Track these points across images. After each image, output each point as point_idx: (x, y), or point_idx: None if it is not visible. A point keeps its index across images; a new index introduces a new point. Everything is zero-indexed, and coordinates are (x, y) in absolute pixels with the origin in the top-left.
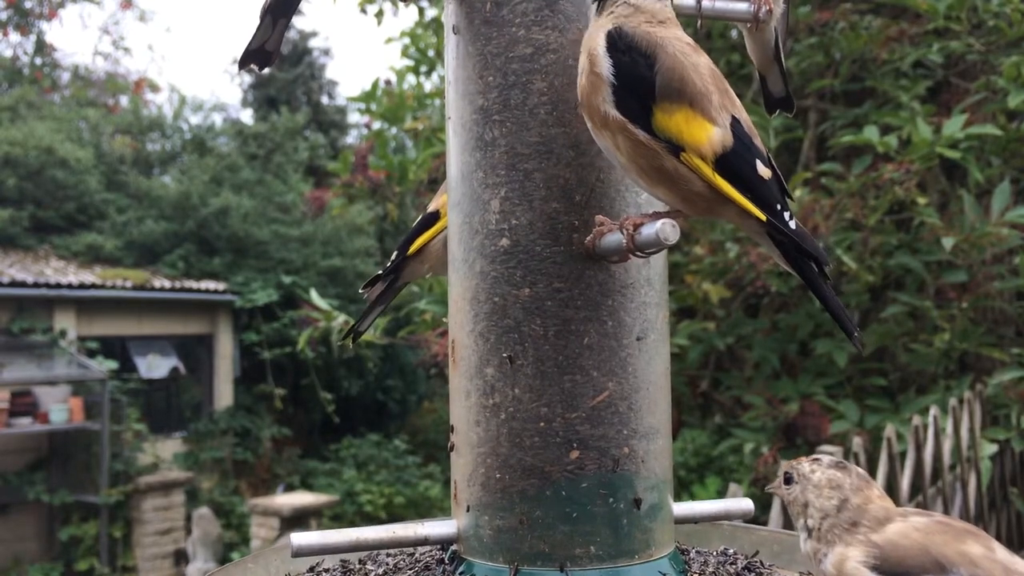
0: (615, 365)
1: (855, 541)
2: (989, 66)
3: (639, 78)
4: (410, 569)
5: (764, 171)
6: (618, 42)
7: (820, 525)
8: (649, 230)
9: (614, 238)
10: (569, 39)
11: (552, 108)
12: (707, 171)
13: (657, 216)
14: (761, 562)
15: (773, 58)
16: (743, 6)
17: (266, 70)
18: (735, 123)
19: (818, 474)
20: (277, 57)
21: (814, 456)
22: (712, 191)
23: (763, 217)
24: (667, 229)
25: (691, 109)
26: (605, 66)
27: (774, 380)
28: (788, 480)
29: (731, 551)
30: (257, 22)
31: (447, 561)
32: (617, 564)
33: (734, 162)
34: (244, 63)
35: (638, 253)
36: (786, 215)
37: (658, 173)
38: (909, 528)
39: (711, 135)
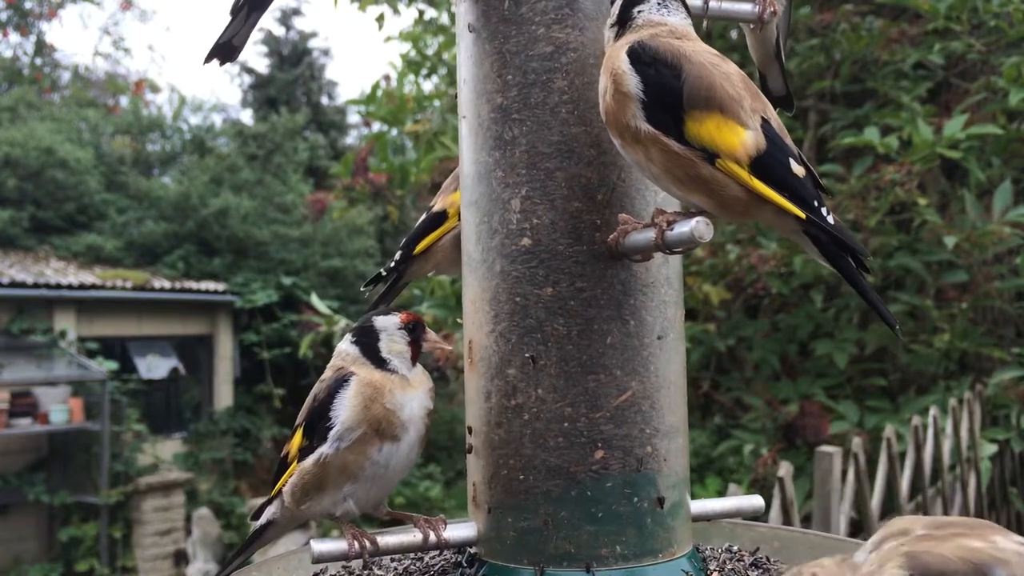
0: (638, 364)
1: None
2: (989, 66)
3: (667, 89)
4: (422, 574)
5: (798, 169)
6: (642, 55)
7: None
8: (683, 227)
9: (641, 236)
10: (589, 38)
11: (573, 107)
12: (744, 175)
13: (690, 214)
14: (767, 557)
15: (774, 56)
16: (748, 7)
17: (227, 65)
18: (765, 124)
19: None
20: (241, 52)
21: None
22: (749, 194)
23: (802, 215)
24: (701, 227)
25: (722, 115)
26: (632, 82)
27: (774, 381)
28: None
29: (735, 548)
30: (231, 15)
31: (465, 564)
32: (642, 563)
33: (768, 163)
34: (210, 57)
35: (667, 250)
36: (823, 211)
37: (694, 181)
38: None
39: (744, 139)
